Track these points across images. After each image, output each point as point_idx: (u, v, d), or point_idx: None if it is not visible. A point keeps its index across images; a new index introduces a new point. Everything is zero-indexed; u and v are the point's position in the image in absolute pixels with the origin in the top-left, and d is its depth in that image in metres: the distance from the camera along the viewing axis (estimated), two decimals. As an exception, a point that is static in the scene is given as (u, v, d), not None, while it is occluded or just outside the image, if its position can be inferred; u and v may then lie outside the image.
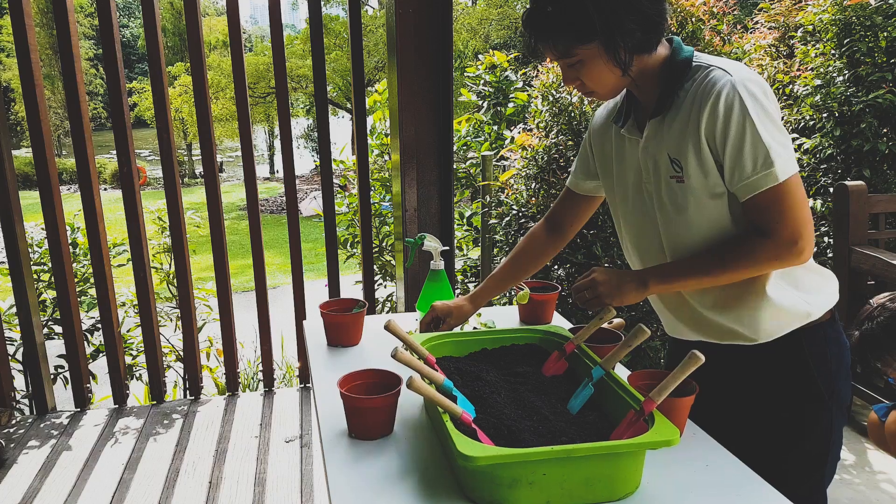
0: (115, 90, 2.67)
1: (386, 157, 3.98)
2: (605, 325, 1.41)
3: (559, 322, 1.76)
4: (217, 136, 18.51)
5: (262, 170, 21.71)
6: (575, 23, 1.14)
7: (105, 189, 14.24)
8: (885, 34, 2.81)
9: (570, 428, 1.08)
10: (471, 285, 4.08)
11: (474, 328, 1.66)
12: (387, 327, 1.21)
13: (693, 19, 2.64)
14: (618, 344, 1.22)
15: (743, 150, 1.10)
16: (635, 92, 1.27)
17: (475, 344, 1.39)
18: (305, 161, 19.27)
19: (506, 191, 3.03)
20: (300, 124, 22.40)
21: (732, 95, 1.10)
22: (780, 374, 1.25)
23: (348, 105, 16.13)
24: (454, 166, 3.98)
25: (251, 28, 32.41)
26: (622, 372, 1.43)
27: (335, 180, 3.68)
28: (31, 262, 3.09)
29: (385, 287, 4.17)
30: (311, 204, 11.75)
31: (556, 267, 3.06)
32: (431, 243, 1.76)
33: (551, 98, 2.68)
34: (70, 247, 3.20)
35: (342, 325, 1.55)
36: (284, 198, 3.00)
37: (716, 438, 1.19)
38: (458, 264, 4.01)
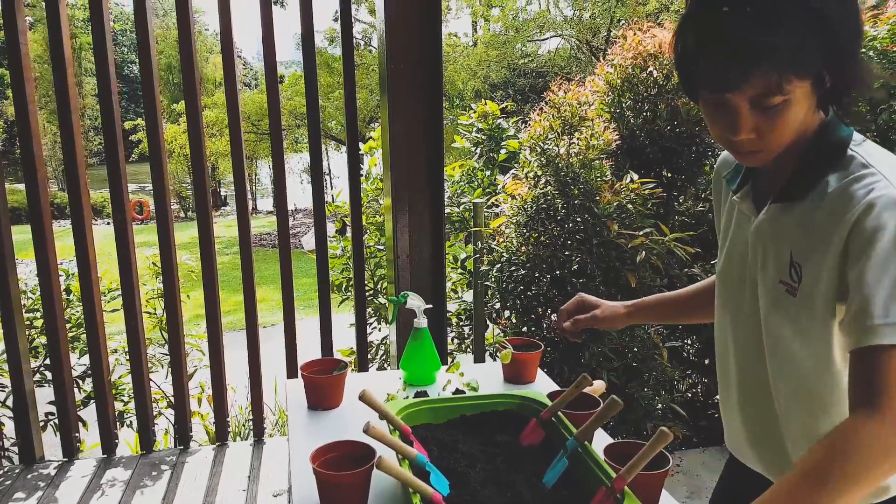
0: (113, 152, 2.71)
1: (381, 202, 4.01)
2: (584, 390, 1.41)
3: (542, 380, 1.76)
4: (221, 170, 18.78)
5: (266, 203, 21.86)
6: (802, 44, 0.83)
7: (108, 223, 14.38)
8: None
9: (542, 506, 1.07)
10: (466, 328, 4.08)
11: (457, 389, 1.66)
12: (361, 398, 1.21)
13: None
14: (592, 412, 1.22)
15: (881, 284, 0.84)
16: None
17: (454, 410, 1.38)
18: (309, 195, 19.38)
19: (497, 238, 3.05)
20: (304, 159, 22.67)
21: (889, 214, 0.85)
22: None
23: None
24: (448, 211, 4.02)
25: (258, 64, 32.96)
26: (603, 439, 1.42)
27: (330, 224, 3.71)
28: (25, 308, 3.11)
29: (379, 330, 4.17)
30: (311, 239, 11.82)
31: (549, 312, 3.07)
32: (415, 301, 1.77)
33: (539, 149, 2.71)
34: (64, 293, 3.21)
35: (322, 387, 1.55)
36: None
37: None
38: (452, 307, 4.01)
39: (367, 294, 3.55)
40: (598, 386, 1.51)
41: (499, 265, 2.96)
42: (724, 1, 0.85)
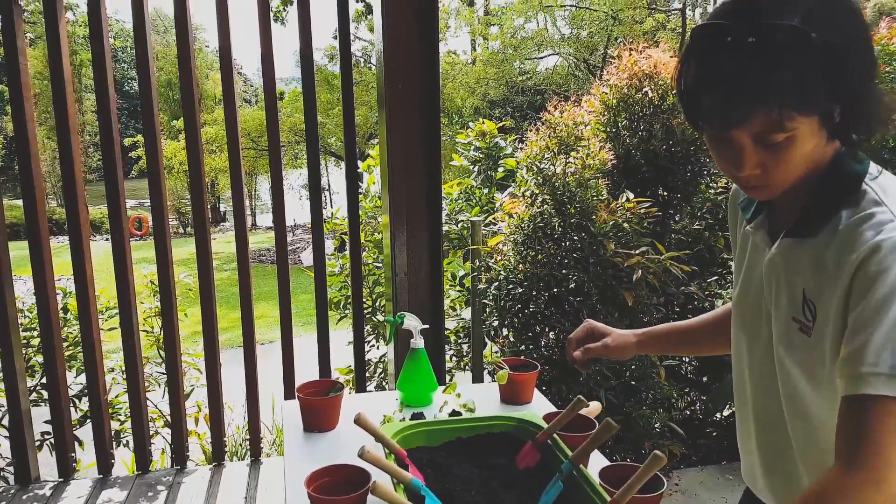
0: (112, 169, 2.72)
1: (379, 219, 4.02)
2: (580, 412, 1.41)
3: (539, 401, 1.75)
4: (221, 186, 18.84)
5: (265, 219, 21.90)
6: (805, 79, 0.79)
7: (106, 239, 14.40)
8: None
9: (537, 531, 1.07)
10: (464, 345, 4.07)
11: (453, 410, 1.66)
12: (356, 422, 1.21)
13: (673, 92, 2.71)
14: (588, 434, 1.22)
15: (875, 329, 0.80)
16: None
17: (450, 433, 1.38)
18: (308, 210, 19.41)
19: (494, 256, 3.05)
20: (303, 175, 22.78)
21: (893, 257, 0.81)
22: None
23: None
24: (446, 228, 4.04)
25: (257, 81, 33.18)
26: (599, 461, 1.41)
27: (329, 241, 3.71)
28: (23, 327, 3.10)
29: (378, 348, 4.16)
30: (310, 255, 11.81)
31: (546, 330, 3.07)
32: (411, 322, 1.77)
33: (535, 169, 2.73)
34: (61, 311, 3.20)
35: (318, 410, 1.54)
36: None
37: None
38: (451, 324, 4.01)
39: (365, 312, 3.55)
40: (594, 408, 1.51)
41: (496, 283, 2.96)
42: (725, 32, 0.82)
